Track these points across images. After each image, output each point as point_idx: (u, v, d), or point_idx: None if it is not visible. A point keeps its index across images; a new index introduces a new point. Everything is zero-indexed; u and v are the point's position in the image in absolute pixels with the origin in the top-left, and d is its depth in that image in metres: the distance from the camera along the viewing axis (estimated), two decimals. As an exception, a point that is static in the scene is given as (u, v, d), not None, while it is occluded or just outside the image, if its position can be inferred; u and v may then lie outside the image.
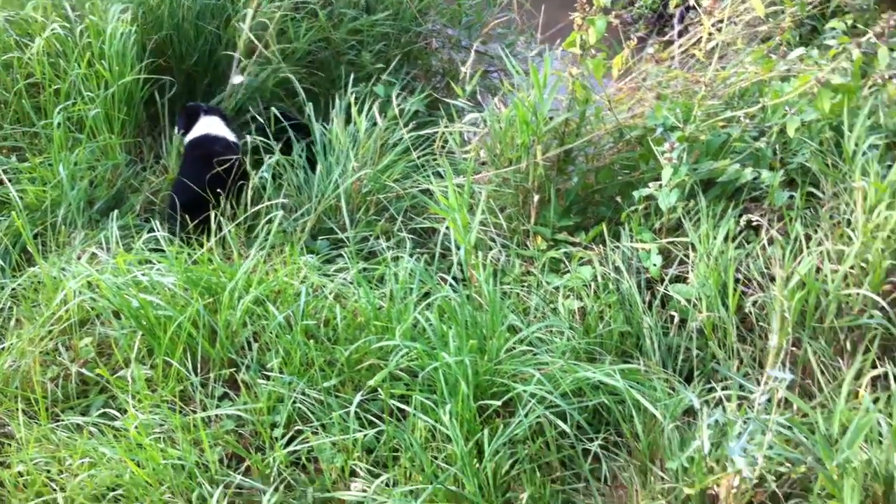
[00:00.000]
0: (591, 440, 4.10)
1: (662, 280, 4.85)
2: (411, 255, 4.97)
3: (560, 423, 4.01)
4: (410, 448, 3.96)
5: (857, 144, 4.94)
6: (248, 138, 6.07)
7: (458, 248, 4.89)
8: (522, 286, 4.94)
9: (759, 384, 3.76)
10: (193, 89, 6.69)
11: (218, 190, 5.32)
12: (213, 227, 5.03)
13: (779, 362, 3.67)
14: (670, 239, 4.95)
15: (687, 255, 4.86)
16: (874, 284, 4.41)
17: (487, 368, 4.18)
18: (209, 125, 5.79)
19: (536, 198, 5.20)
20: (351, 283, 4.76)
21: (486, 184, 5.36)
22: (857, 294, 4.43)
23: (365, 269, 4.91)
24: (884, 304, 4.36)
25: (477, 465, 3.85)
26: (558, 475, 4.09)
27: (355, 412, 4.13)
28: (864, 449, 3.78)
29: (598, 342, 4.62)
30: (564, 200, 5.41)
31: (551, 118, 5.35)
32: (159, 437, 4.03)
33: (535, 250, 5.16)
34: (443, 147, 5.89)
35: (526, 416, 4.00)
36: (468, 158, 5.51)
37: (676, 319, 4.67)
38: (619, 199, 5.38)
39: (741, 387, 4.03)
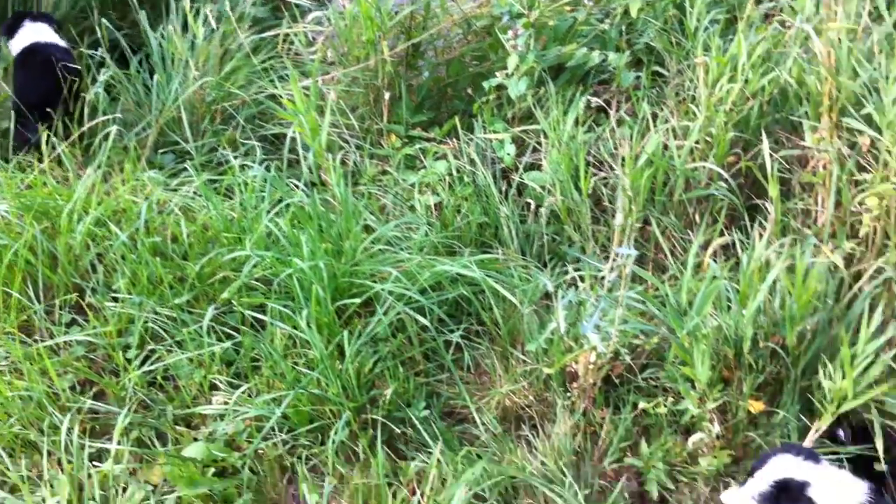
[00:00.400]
0: (453, 332, 4.12)
1: (517, 169, 4.85)
2: (262, 163, 4.82)
3: (420, 318, 4.01)
4: (270, 357, 3.90)
5: (698, 20, 5.00)
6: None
7: (309, 152, 4.77)
8: (378, 185, 4.87)
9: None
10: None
11: (61, 95, 5.04)
12: (46, 147, 4.75)
13: (625, 239, 3.71)
14: (522, 127, 4.94)
15: (539, 143, 4.86)
16: (719, 157, 4.51)
17: (345, 270, 4.12)
18: (38, 32, 5.40)
19: (387, 95, 5.09)
20: (199, 195, 4.59)
21: (335, 84, 5.21)
22: (703, 167, 4.52)
23: (212, 181, 4.74)
24: (727, 176, 4.47)
25: (339, 367, 3.81)
26: (421, 368, 4.10)
27: (212, 326, 4.04)
28: (714, 316, 3.92)
29: (457, 235, 4.62)
30: (416, 96, 5.32)
31: (396, 12, 5.21)
32: (3, 371, 3.85)
33: (389, 149, 5.07)
34: (288, 50, 5.68)
35: (385, 314, 3.98)
36: (315, 59, 5.33)
37: (533, 206, 4.69)
38: (470, 91, 5.32)
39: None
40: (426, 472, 3.59)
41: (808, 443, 3.66)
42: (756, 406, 3.86)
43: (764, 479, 3.22)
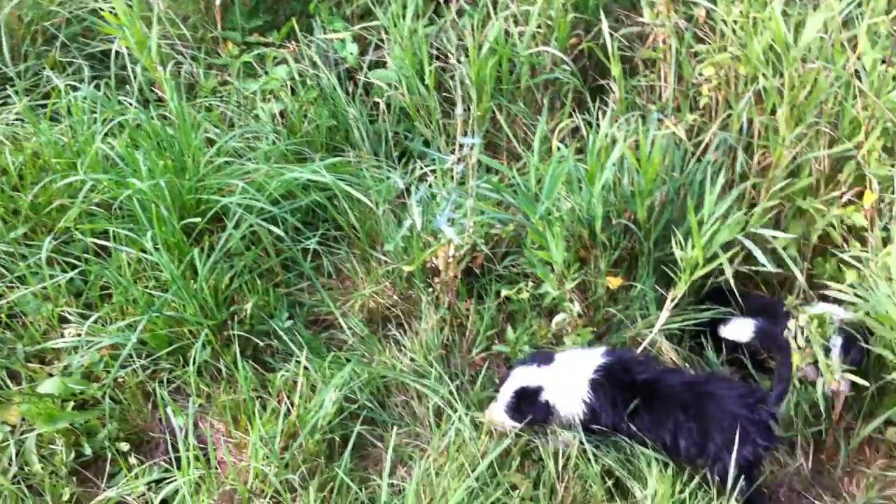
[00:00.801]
0: (309, 239, 4.04)
1: (361, 68, 4.73)
2: (90, 83, 4.54)
3: (274, 228, 3.90)
4: (119, 283, 3.74)
5: None
6: None
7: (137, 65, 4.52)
8: (218, 97, 4.67)
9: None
10: None
11: None
12: None
13: (469, 129, 3.67)
14: (363, 25, 4.80)
15: (382, 40, 4.74)
16: (560, 40, 4.49)
17: (190, 187, 3.96)
18: None
19: (218, 1, 4.84)
20: (26, 123, 4.30)
21: (161, -7, 4.91)
22: (546, 52, 4.50)
23: (40, 106, 4.44)
24: (567, 60, 4.47)
25: (193, 287, 3.69)
26: (281, 279, 4.03)
27: (53, 258, 3.84)
28: (566, 198, 3.96)
29: (306, 141, 4.49)
30: (250, 0, 5.07)
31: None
32: None
33: (227, 57, 4.85)
34: (108, -40, 5.32)
35: (237, 227, 3.85)
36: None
37: (381, 105, 4.60)
38: (306, -11, 5.12)
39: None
40: (295, 382, 3.56)
41: (664, 312, 3.78)
42: (614, 282, 3.95)
43: (507, 391, 3.45)
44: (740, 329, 3.58)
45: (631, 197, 3.94)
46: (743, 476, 3.23)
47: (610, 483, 3.39)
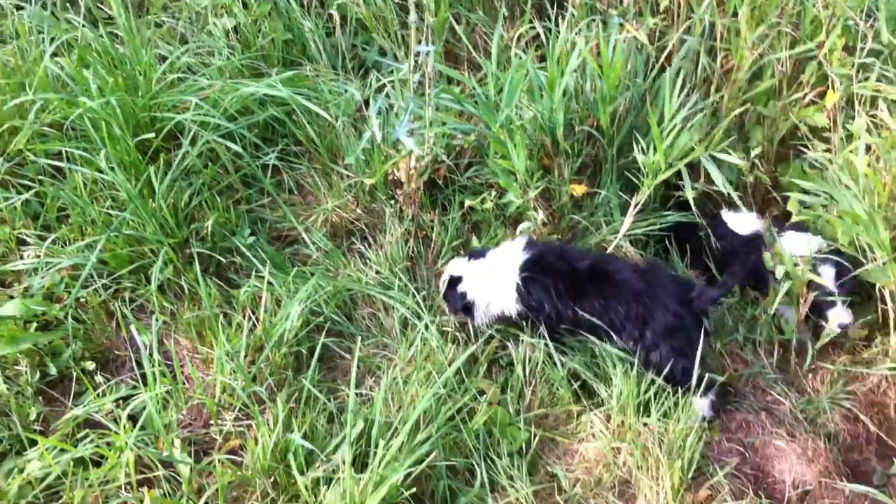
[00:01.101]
0: (268, 155, 3.98)
1: (316, -21, 4.62)
2: (36, 2, 4.39)
3: (232, 145, 3.84)
4: (76, 204, 3.67)
5: None
6: None
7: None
8: (168, 13, 4.54)
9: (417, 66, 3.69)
10: None
11: None
12: None
13: (423, 38, 3.59)
14: (315, -66, 4.67)
15: (336, -51, 4.61)
16: (519, -56, 4.40)
17: (143, 104, 3.87)
18: None
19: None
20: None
21: None
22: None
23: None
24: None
25: (152, 205, 3.63)
26: (242, 196, 3.97)
27: (10, 180, 3.77)
28: (529, 106, 3.91)
29: (261, 56, 4.40)
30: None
31: None
32: None
33: (177, -28, 4.71)
34: None
35: (193, 144, 3.79)
36: None
37: (337, 18, 4.49)
38: None
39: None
40: (259, 297, 3.54)
41: (628, 218, 3.78)
42: (578, 189, 3.94)
43: (444, 279, 3.58)
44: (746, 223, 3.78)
45: (594, 104, 3.90)
46: (675, 363, 3.33)
47: (576, 385, 3.42)
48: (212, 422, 3.27)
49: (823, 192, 3.70)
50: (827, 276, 3.52)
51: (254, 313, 3.51)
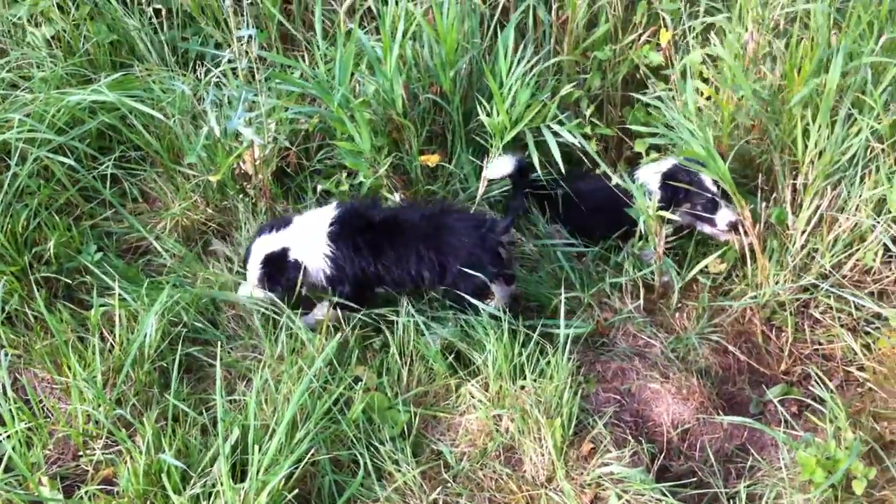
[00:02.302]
0: (105, 165, 3.80)
1: (135, -25, 4.40)
2: None
3: (64, 159, 3.65)
4: None
5: None
6: None
7: None
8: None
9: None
10: None
11: None
12: None
13: (243, 21, 3.45)
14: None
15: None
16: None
17: (-37, 128, 3.63)
18: None
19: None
20: None
21: None
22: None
23: None
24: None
25: (-15, 233, 3.42)
26: (83, 211, 3.79)
27: None
28: (371, 81, 3.83)
29: (87, 61, 4.18)
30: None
31: None
32: None
33: (-16, -18, 4.42)
34: None
35: (23, 163, 3.58)
36: None
37: (163, 11, 4.30)
38: None
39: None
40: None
41: (482, 182, 3.76)
42: (431, 159, 3.90)
43: (255, 266, 3.41)
44: (502, 166, 3.66)
45: (435, 70, 3.85)
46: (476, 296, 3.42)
47: (451, 358, 3.40)
48: (80, 453, 3.12)
49: (662, 132, 3.76)
50: (705, 182, 3.70)
51: (111, 332, 3.35)
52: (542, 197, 3.95)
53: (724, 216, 3.73)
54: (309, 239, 3.38)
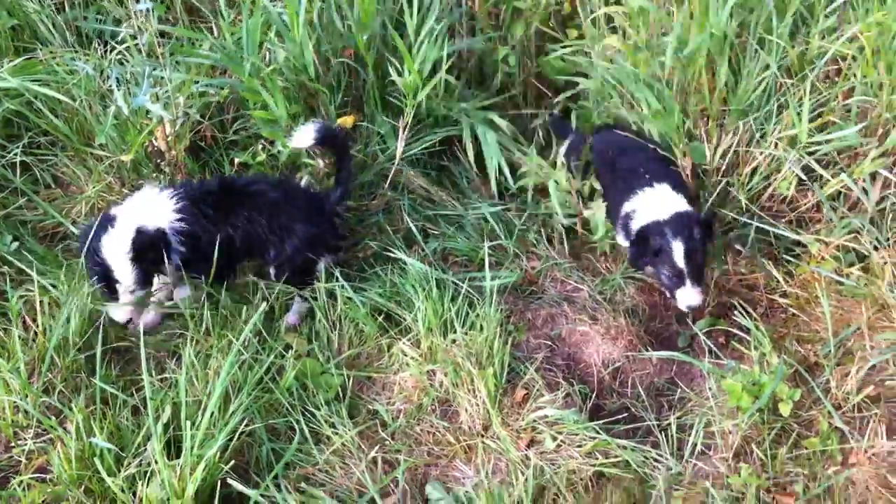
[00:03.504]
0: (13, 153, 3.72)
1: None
2: None
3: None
4: None
5: None
6: None
7: None
8: None
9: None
10: None
11: None
12: None
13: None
14: None
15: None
16: None
17: None
18: None
19: None
20: None
21: None
22: None
23: None
24: None
25: None
26: (-6, 201, 3.72)
27: None
28: (281, 48, 3.77)
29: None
30: None
31: None
32: None
33: None
34: None
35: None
36: None
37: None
38: None
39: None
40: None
41: (400, 142, 3.75)
42: (346, 121, 3.87)
43: (123, 264, 3.19)
44: (304, 136, 3.48)
45: (348, 33, 3.81)
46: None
47: (381, 318, 3.41)
48: (12, 444, 3.07)
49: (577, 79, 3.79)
50: (676, 252, 3.26)
51: (34, 320, 3.29)
52: None
53: (685, 296, 3.32)
54: (159, 215, 3.25)
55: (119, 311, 3.28)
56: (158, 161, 3.73)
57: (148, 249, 3.19)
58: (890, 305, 3.40)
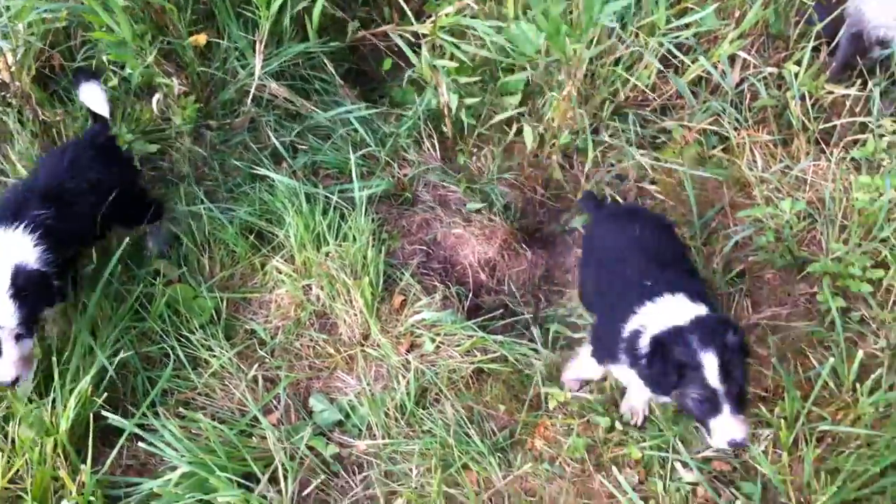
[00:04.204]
0: None
1: None
2: None
3: None
4: None
5: None
6: None
7: None
8: None
9: None
10: None
11: None
12: None
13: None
14: None
15: None
16: None
17: None
18: None
19: None
20: None
21: None
22: None
23: None
24: None
25: None
26: None
27: None
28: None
29: None
30: None
31: None
32: None
33: None
34: None
35: None
36: None
37: None
38: None
39: None
40: None
41: (258, 56, 3.63)
42: (199, 39, 3.71)
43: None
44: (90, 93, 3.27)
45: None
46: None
47: (252, 238, 3.35)
48: None
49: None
50: (704, 367, 2.39)
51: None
52: None
53: (724, 429, 2.44)
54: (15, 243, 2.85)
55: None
56: (4, 94, 3.53)
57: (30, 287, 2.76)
58: (751, 184, 3.51)
